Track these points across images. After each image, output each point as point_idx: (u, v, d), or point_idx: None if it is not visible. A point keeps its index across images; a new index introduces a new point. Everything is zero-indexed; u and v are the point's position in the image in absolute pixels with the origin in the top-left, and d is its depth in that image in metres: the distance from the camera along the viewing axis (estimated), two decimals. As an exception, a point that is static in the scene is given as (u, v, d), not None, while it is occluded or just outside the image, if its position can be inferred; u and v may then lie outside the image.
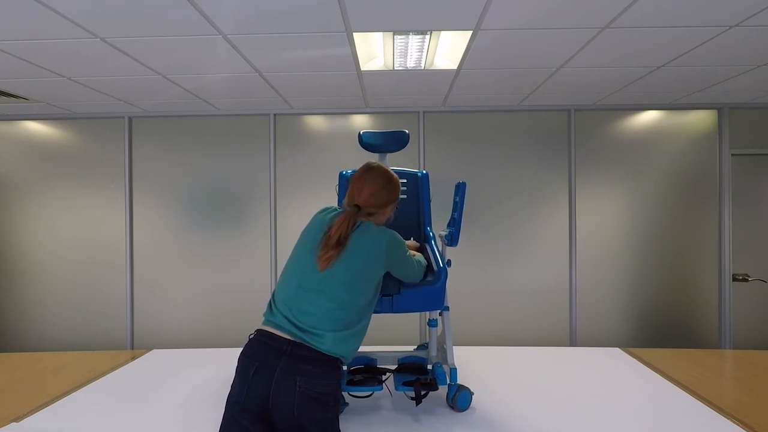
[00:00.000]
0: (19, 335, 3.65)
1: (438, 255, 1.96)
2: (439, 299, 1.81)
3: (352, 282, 1.47)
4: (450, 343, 1.94)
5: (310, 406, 1.34)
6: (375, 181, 1.62)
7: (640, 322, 3.52)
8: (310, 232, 1.57)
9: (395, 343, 2.56)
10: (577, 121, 3.53)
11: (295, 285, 1.48)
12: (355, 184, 1.62)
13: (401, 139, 2.17)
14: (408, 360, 2.07)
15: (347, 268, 1.47)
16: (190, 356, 2.55)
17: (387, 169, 1.67)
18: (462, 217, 1.91)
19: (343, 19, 1.98)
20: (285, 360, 1.36)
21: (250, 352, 1.41)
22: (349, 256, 1.47)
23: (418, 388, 1.79)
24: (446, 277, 1.83)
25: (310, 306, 1.44)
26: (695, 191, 3.51)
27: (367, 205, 1.59)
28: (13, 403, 1.93)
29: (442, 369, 1.89)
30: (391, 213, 1.69)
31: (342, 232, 1.48)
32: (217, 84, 2.90)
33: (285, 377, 1.34)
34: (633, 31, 2.11)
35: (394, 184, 1.65)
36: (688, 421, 1.74)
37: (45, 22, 1.94)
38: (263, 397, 1.34)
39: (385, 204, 1.63)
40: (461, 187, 1.92)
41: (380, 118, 3.60)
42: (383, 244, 1.53)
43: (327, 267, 1.45)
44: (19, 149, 3.67)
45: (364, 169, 1.65)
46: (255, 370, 1.36)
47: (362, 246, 1.50)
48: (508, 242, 3.56)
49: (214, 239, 3.57)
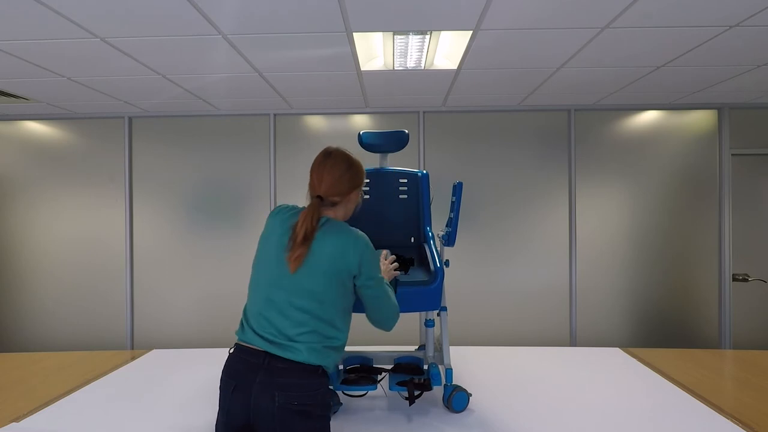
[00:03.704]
0: (19, 335, 3.65)
1: (436, 255, 1.96)
2: (435, 300, 1.80)
3: (320, 290, 1.36)
4: (447, 344, 1.93)
5: (291, 419, 1.28)
6: (335, 166, 1.49)
7: (640, 322, 3.52)
8: (272, 235, 1.44)
9: (394, 343, 2.55)
10: (577, 121, 3.53)
11: (263, 298, 1.38)
12: (315, 173, 1.50)
13: (401, 140, 2.17)
14: (404, 360, 2.07)
15: (312, 274, 1.36)
16: (190, 356, 2.55)
17: (347, 152, 1.54)
18: (459, 217, 1.91)
19: (343, 19, 1.98)
20: (261, 374, 1.29)
21: (228, 371, 1.36)
22: (315, 259, 1.36)
23: (411, 388, 1.79)
24: (443, 277, 1.82)
25: (282, 319, 1.34)
26: (695, 191, 3.51)
27: (330, 194, 1.47)
28: (13, 403, 1.93)
29: (437, 369, 1.89)
30: (358, 199, 1.57)
31: (308, 227, 1.37)
32: (217, 84, 2.89)
33: (262, 392, 1.28)
34: (633, 31, 2.11)
35: (356, 168, 1.53)
36: (688, 421, 1.74)
37: (45, 22, 1.94)
38: (245, 415, 1.29)
39: (349, 190, 1.50)
40: (458, 187, 1.92)
41: (380, 118, 3.60)
42: (350, 245, 1.39)
43: (299, 266, 1.34)
44: (19, 149, 3.67)
45: (322, 156, 1.52)
46: (233, 388, 1.31)
47: (326, 247, 1.37)
48: (508, 242, 3.56)
49: (214, 239, 3.57)
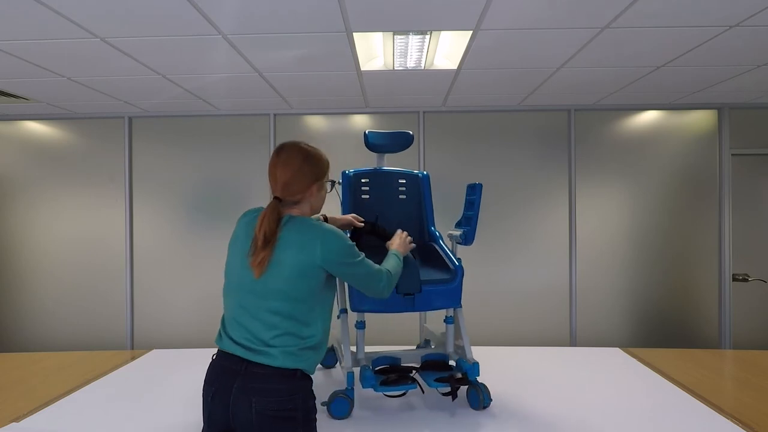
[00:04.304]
0: (19, 335, 3.64)
1: (451, 254, 2.00)
2: (457, 296, 1.91)
3: (287, 289, 1.31)
4: (467, 340, 1.98)
5: (270, 425, 1.25)
6: (288, 163, 1.39)
7: (640, 322, 3.52)
8: (238, 242, 1.39)
9: (393, 343, 2.55)
10: (577, 121, 3.53)
11: (235, 305, 1.36)
12: (270, 173, 1.41)
13: (406, 140, 2.20)
14: (431, 357, 2.08)
15: (278, 274, 1.30)
16: (190, 356, 2.55)
17: (302, 145, 1.43)
18: (478, 217, 1.94)
19: (343, 19, 1.98)
20: (239, 380, 1.27)
21: (208, 378, 1.34)
22: (279, 258, 1.30)
23: (453, 384, 1.83)
24: (463, 274, 1.90)
25: (254, 323, 1.31)
26: (695, 191, 3.51)
27: (287, 193, 1.38)
28: (13, 403, 1.93)
29: (467, 364, 1.90)
30: (322, 193, 1.47)
31: (266, 228, 1.30)
32: (217, 84, 2.89)
33: (240, 398, 1.26)
34: (633, 31, 2.11)
35: (314, 160, 1.42)
36: (688, 421, 1.74)
37: (45, 22, 1.94)
38: (225, 422, 1.28)
39: (308, 185, 1.40)
40: (477, 187, 1.94)
41: (380, 118, 3.60)
42: (317, 243, 1.32)
43: (263, 272, 1.29)
44: (19, 149, 3.66)
45: (275, 154, 1.42)
46: (212, 395, 1.30)
47: (291, 246, 1.31)
48: (508, 242, 3.55)
49: (214, 239, 3.56)
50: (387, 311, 1.85)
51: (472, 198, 1.98)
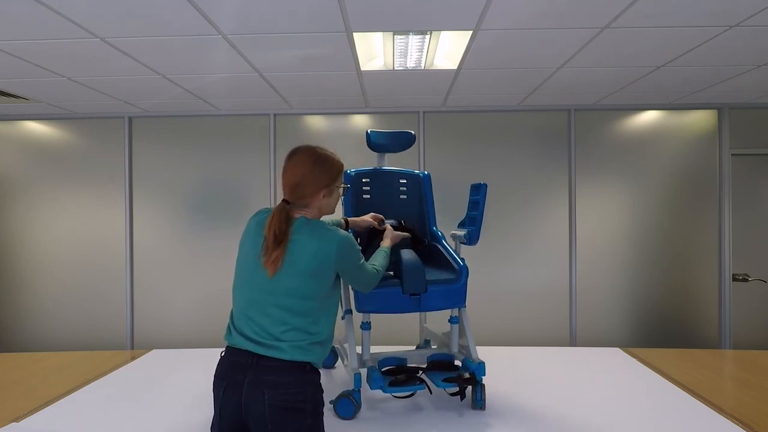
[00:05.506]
0: (19, 335, 3.64)
1: (455, 254, 2.00)
2: (462, 296, 1.91)
3: (299, 287, 1.35)
4: (472, 339, 1.98)
5: (282, 417, 1.28)
6: (297, 168, 1.40)
7: (640, 322, 3.52)
8: (249, 240, 1.42)
9: (393, 343, 2.55)
10: (577, 121, 3.53)
11: (245, 301, 1.39)
12: (282, 175, 1.44)
13: (408, 140, 2.21)
14: (436, 358, 2.08)
15: (293, 273, 1.34)
16: (190, 356, 2.55)
17: (316, 148, 1.43)
18: (483, 216, 1.95)
19: (343, 19, 1.98)
20: (251, 374, 1.30)
21: (218, 373, 1.38)
22: (293, 258, 1.34)
23: (461, 383, 1.83)
24: (467, 274, 1.90)
25: (264, 318, 1.35)
26: (695, 191, 3.51)
27: (294, 197, 1.41)
28: (13, 403, 1.93)
29: (474, 363, 1.89)
30: (329, 199, 1.46)
31: (276, 228, 1.33)
32: (217, 84, 2.89)
33: (252, 392, 1.29)
34: (633, 31, 2.11)
35: (324, 164, 1.42)
36: (688, 421, 1.74)
37: (45, 22, 1.94)
38: (237, 416, 1.31)
39: (316, 191, 1.41)
40: (482, 187, 1.95)
41: (380, 118, 3.60)
42: (333, 248, 1.37)
43: (277, 270, 1.33)
44: (19, 149, 3.66)
45: (286, 157, 1.44)
46: (224, 389, 1.33)
47: (307, 249, 1.35)
48: (508, 242, 3.55)
49: (214, 239, 3.56)
50: (393, 311, 1.85)
51: (476, 198, 1.98)
